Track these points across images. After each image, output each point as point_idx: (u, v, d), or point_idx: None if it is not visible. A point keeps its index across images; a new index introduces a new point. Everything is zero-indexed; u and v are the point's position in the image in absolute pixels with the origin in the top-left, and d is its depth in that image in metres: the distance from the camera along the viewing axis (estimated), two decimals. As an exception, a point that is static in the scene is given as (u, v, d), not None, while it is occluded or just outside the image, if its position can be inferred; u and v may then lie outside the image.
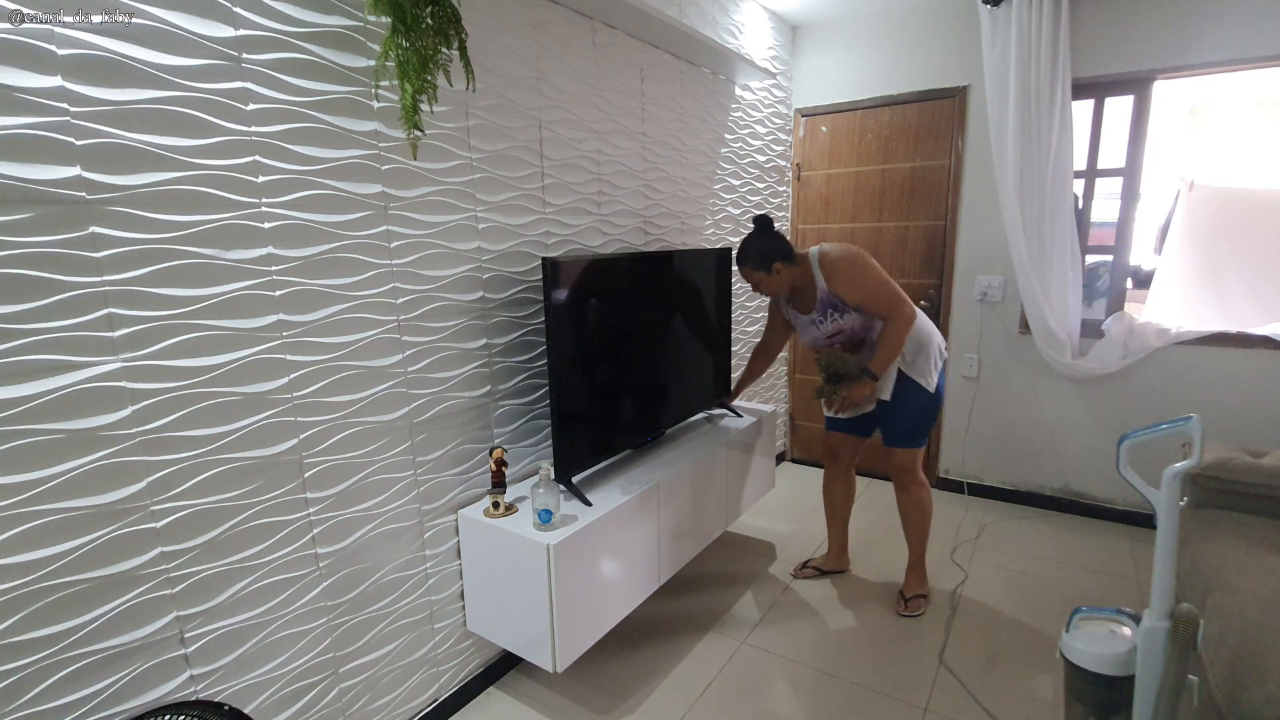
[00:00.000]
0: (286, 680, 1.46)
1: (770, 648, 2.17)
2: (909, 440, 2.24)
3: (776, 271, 2.14)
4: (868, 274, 2.09)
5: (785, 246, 2.16)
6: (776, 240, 2.16)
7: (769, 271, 2.14)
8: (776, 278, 2.15)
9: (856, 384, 2.11)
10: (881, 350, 2.08)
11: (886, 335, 2.07)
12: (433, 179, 1.66)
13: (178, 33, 1.17)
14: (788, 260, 2.14)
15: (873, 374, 2.09)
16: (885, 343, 2.08)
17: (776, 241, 2.15)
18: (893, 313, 2.06)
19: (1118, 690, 1.34)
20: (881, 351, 2.08)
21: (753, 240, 2.16)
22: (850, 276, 2.10)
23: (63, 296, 1.07)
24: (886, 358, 2.08)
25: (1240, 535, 1.83)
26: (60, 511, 1.09)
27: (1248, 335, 2.65)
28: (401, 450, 1.66)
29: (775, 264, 2.13)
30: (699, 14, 2.64)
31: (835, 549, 2.58)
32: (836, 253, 2.13)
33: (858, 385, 2.11)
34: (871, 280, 2.09)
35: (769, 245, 2.14)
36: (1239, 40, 2.49)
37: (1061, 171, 2.74)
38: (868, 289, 2.08)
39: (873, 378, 2.09)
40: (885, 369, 2.11)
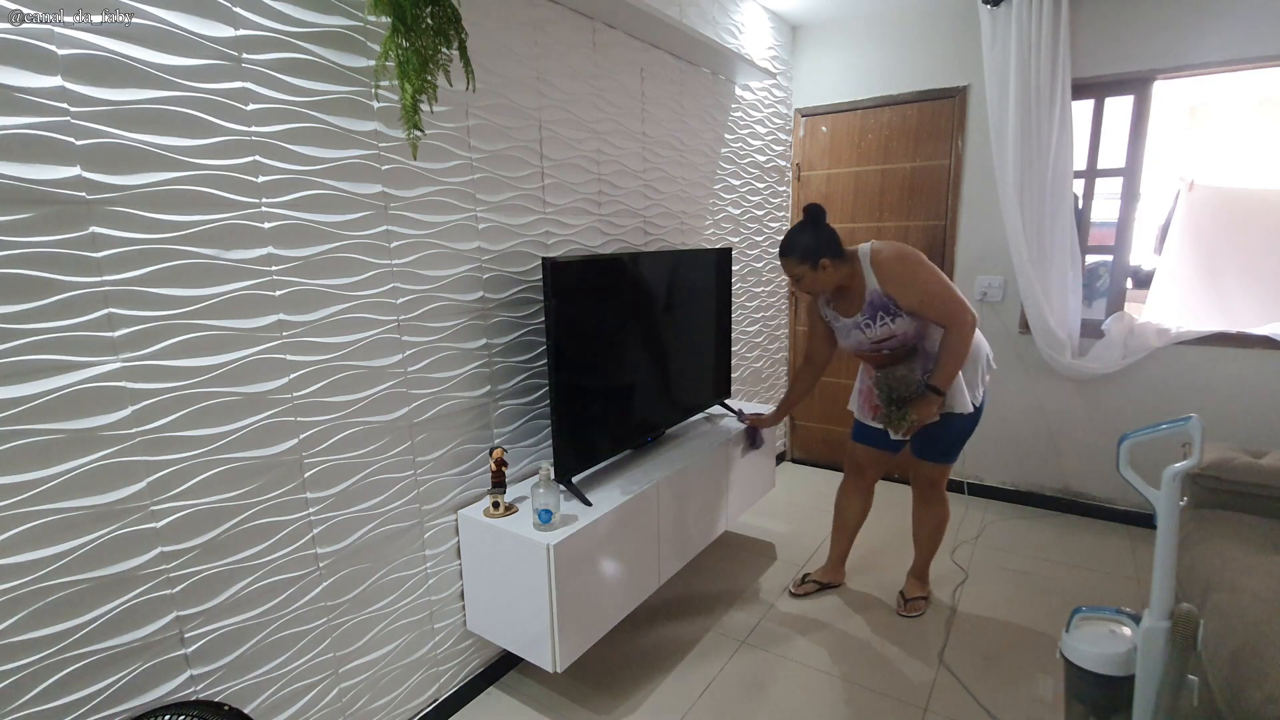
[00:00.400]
0: (286, 680, 1.46)
1: (770, 648, 2.17)
2: (944, 456, 2.16)
3: (823, 268, 1.95)
4: (926, 275, 1.92)
5: (836, 241, 1.97)
6: (828, 234, 1.96)
7: (815, 266, 1.95)
8: (822, 274, 1.96)
9: (922, 402, 1.94)
10: (944, 363, 1.91)
11: (949, 346, 1.90)
12: (433, 179, 1.66)
13: (178, 33, 1.17)
14: (837, 256, 1.96)
15: (938, 389, 1.93)
16: (948, 354, 1.91)
17: (828, 235, 1.96)
18: (954, 320, 1.89)
19: (1118, 690, 1.34)
20: (944, 364, 1.91)
21: (802, 231, 1.97)
22: (907, 277, 1.92)
23: (63, 296, 1.07)
24: (951, 370, 1.92)
25: (1240, 535, 1.83)
26: (60, 511, 1.09)
27: (1248, 335, 2.65)
28: (401, 450, 1.66)
29: (823, 259, 1.94)
30: (699, 14, 2.64)
31: (835, 561, 2.50)
32: (891, 251, 1.96)
33: (923, 404, 1.94)
34: (931, 282, 1.91)
35: (819, 238, 1.95)
36: (1239, 40, 2.49)
37: (1061, 171, 2.74)
38: (926, 292, 1.91)
39: (938, 393, 1.93)
40: (950, 382, 1.94)
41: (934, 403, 1.94)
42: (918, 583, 2.38)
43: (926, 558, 2.35)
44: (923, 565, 2.36)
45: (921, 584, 2.38)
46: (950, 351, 1.91)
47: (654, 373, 2.29)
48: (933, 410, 1.95)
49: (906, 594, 2.36)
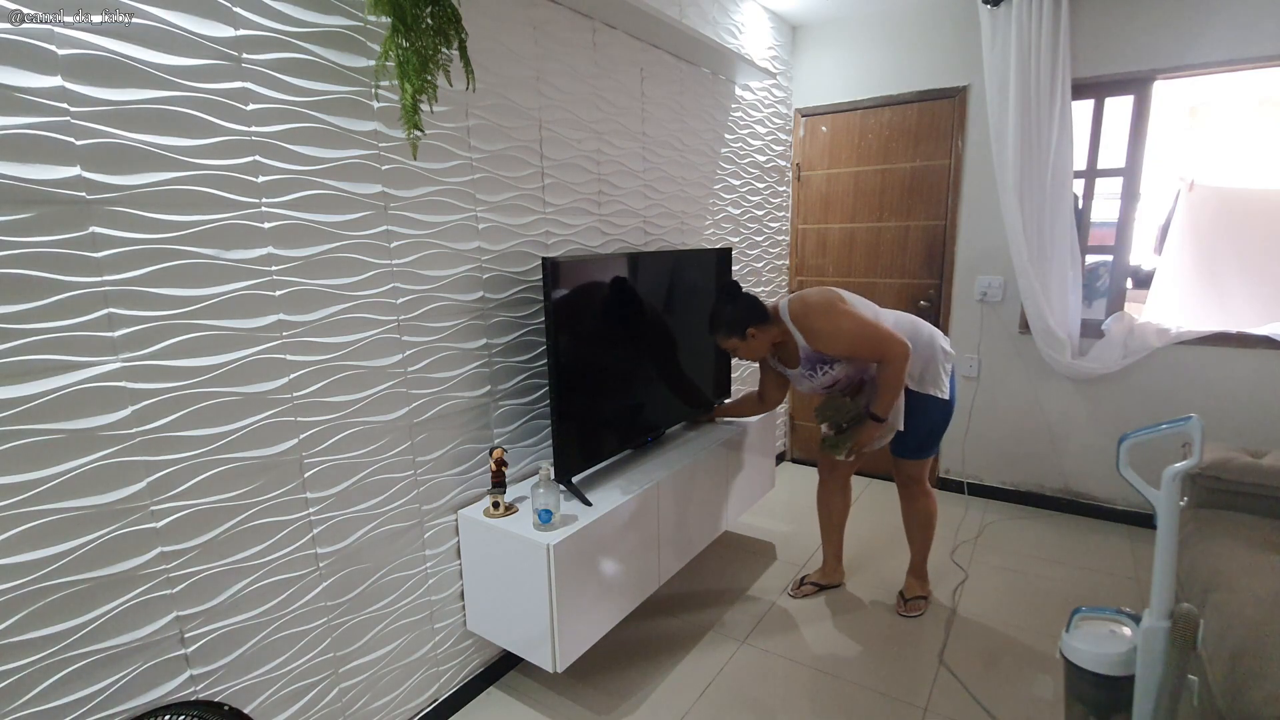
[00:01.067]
0: (286, 680, 1.46)
1: (770, 648, 2.17)
2: (920, 451, 2.20)
3: (751, 336, 2.02)
4: (845, 323, 1.97)
5: (758, 309, 2.04)
6: (747, 303, 2.04)
7: (744, 337, 2.02)
8: (753, 342, 2.04)
9: (863, 429, 2.04)
10: (882, 394, 1.99)
11: (884, 379, 1.98)
12: (433, 179, 1.66)
13: (178, 33, 1.17)
14: (762, 322, 2.03)
15: (877, 417, 2.01)
16: (884, 386, 1.98)
17: (748, 305, 2.04)
18: (884, 355, 1.95)
19: (1118, 690, 1.34)
20: (883, 396, 1.99)
21: (721, 307, 2.05)
22: (828, 329, 1.99)
23: (63, 296, 1.07)
24: (889, 400, 2.00)
25: (1240, 535, 1.83)
26: (60, 511, 1.09)
27: (1248, 335, 2.65)
28: (401, 450, 1.66)
29: (749, 329, 2.02)
30: (699, 14, 2.64)
31: (831, 561, 2.51)
32: (805, 307, 2.02)
33: (865, 430, 2.04)
34: (851, 329, 1.97)
35: (739, 310, 2.02)
36: (1239, 40, 2.49)
37: (1061, 171, 2.74)
38: (851, 339, 1.97)
39: (878, 420, 2.02)
40: (889, 409, 2.02)
41: (875, 429, 2.03)
42: (917, 581, 2.38)
43: (922, 554, 2.36)
44: (919, 562, 2.37)
45: (921, 583, 2.38)
46: (886, 384, 1.98)
47: (654, 373, 2.29)
48: (874, 435, 2.04)
49: (906, 594, 2.37)
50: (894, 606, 2.36)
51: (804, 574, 2.55)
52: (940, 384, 2.10)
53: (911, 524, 2.34)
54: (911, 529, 2.35)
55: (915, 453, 2.20)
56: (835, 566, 2.50)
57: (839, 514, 2.45)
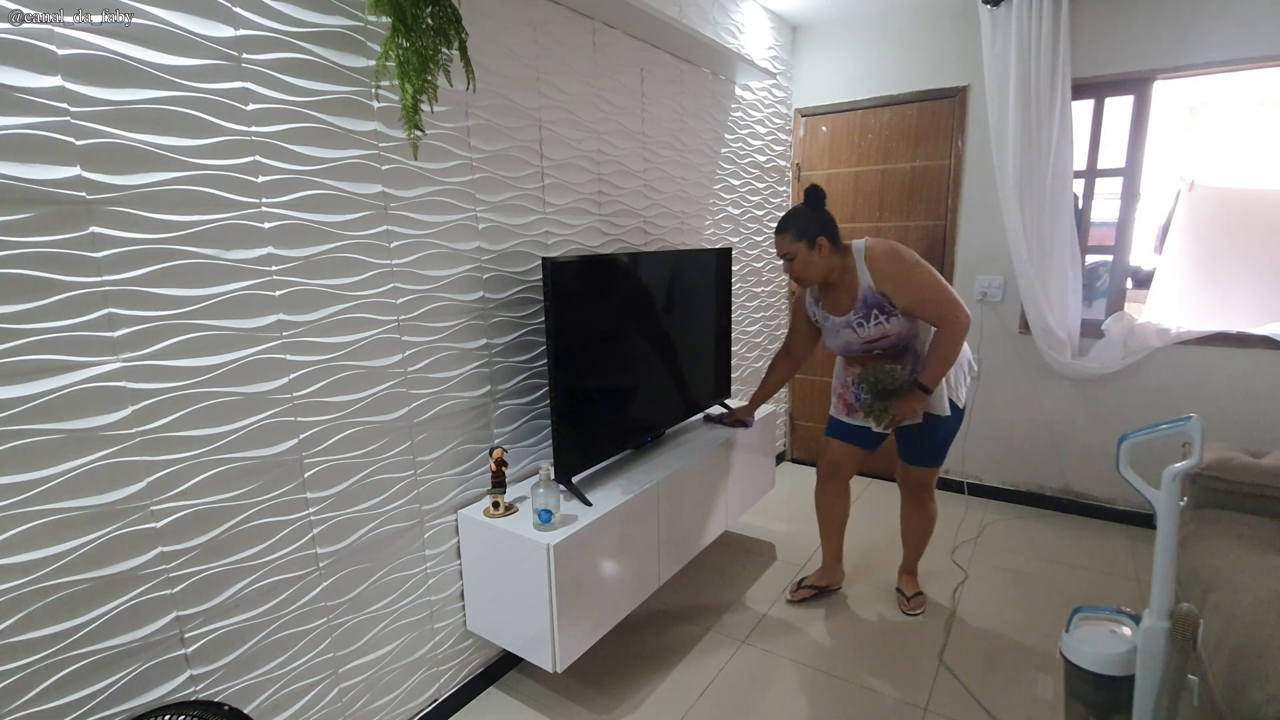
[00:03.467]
0: (286, 680, 1.46)
1: (770, 648, 2.17)
2: (935, 459, 2.18)
3: (820, 248, 1.90)
4: (922, 273, 1.90)
5: (834, 227, 1.94)
6: (828, 217, 1.94)
7: (811, 245, 1.90)
8: (817, 255, 1.91)
9: (907, 398, 1.94)
10: (935, 361, 1.90)
11: (941, 344, 1.88)
12: (433, 179, 1.66)
13: (178, 33, 1.17)
14: (834, 241, 1.92)
15: (926, 387, 1.92)
16: (939, 353, 1.89)
17: (828, 218, 1.94)
18: (947, 320, 1.86)
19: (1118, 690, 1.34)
20: (934, 363, 1.90)
21: (800, 208, 1.95)
22: (903, 275, 1.89)
23: (63, 296, 1.07)
24: (940, 370, 1.91)
25: (1240, 535, 1.83)
26: (60, 511, 1.09)
27: (1248, 335, 2.65)
28: (401, 450, 1.66)
29: (821, 238, 1.90)
30: (699, 14, 2.64)
31: (830, 563, 2.44)
32: (886, 248, 1.93)
33: (908, 399, 1.94)
34: (926, 281, 1.89)
35: (819, 218, 1.91)
36: (1239, 40, 2.49)
37: (1061, 171, 2.74)
38: (922, 290, 1.88)
39: (925, 391, 1.93)
40: (939, 382, 1.93)
41: (919, 399, 1.94)
42: (912, 579, 2.40)
43: (917, 554, 2.38)
44: (913, 561, 2.39)
45: (914, 579, 2.41)
46: (941, 351, 1.90)
47: (654, 373, 2.29)
48: (917, 408, 1.96)
49: (906, 591, 2.37)
50: (896, 605, 2.36)
51: (802, 576, 2.52)
52: (959, 391, 2.06)
53: (912, 529, 2.33)
54: (911, 534, 2.34)
55: (930, 460, 2.17)
56: (835, 568, 2.45)
57: (839, 516, 2.39)
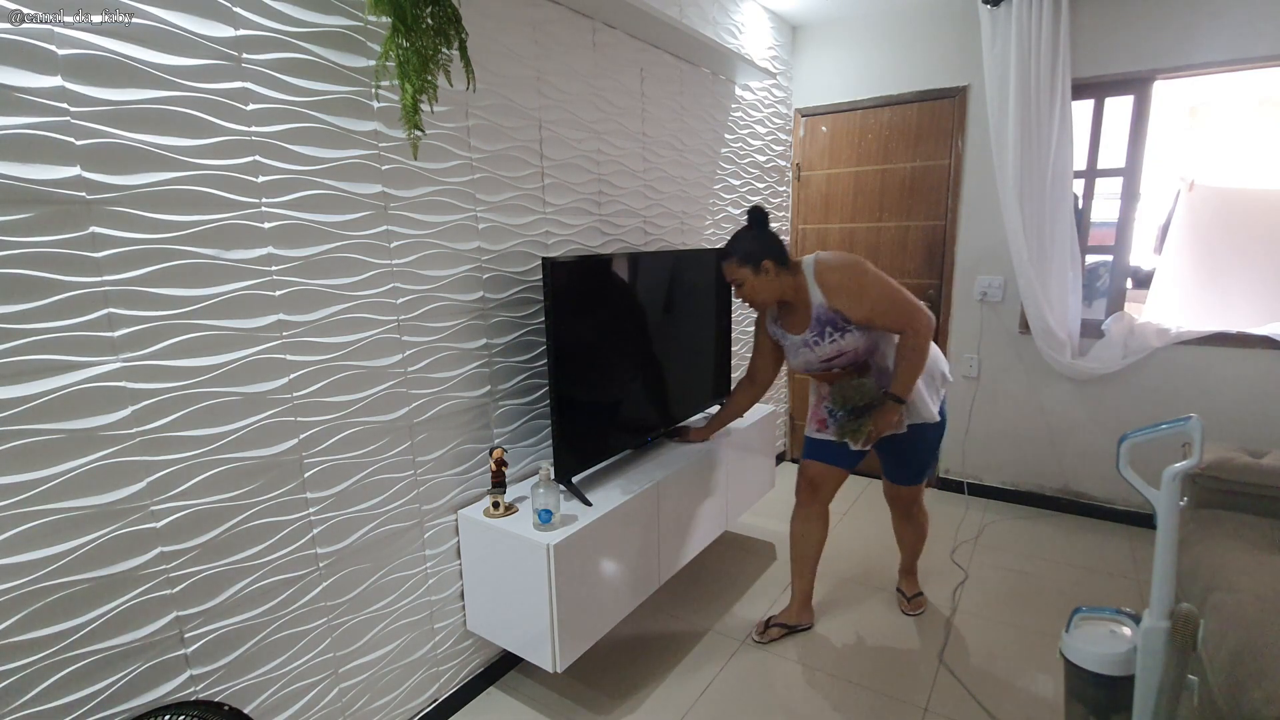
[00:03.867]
0: (286, 680, 1.46)
1: (770, 648, 2.17)
2: (919, 477, 2.15)
3: (766, 271, 1.85)
4: (873, 284, 1.84)
5: (779, 247, 1.89)
6: (772, 238, 1.90)
7: (757, 269, 1.85)
8: (765, 279, 1.86)
9: (882, 412, 1.87)
10: (903, 369, 1.84)
11: (906, 352, 1.82)
12: (433, 179, 1.66)
13: (178, 33, 1.17)
14: (780, 263, 1.88)
15: (898, 397, 1.86)
16: (906, 360, 1.82)
17: (772, 239, 1.89)
18: (909, 324, 1.81)
19: (1118, 690, 1.34)
20: (903, 370, 1.84)
21: (744, 233, 1.90)
22: (853, 289, 1.83)
23: (63, 296, 1.07)
24: (911, 377, 1.84)
25: (1240, 535, 1.83)
26: (60, 511, 1.09)
27: (1248, 335, 2.65)
28: (401, 450, 1.66)
29: (765, 261, 1.85)
30: (699, 14, 2.64)
31: (801, 600, 2.23)
32: (834, 262, 1.88)
33: (883, 413, 1.86)
34: (878, 291, 1.83)
35: (762, 241, 1.87)
36: (1239, 40, 2.49)
37: (1061, 171, 2.74)
38: (875, 302, 1.82)
39: (899, 401, 1.86)
40: (911, 389, 1.86)
41: (894, 411, 1.87)
42: (912, 579, 2.39)
43: (916, 556, 2.37)
44: (913, 562, 2.38)
45: (915, 579, 2.39)
46: (908, 357, 1.83)
47: (654, 373, 2.29)
48: (893, 419, 1.87)
49: (907, 591, 2.36)
50: (896, 605, 2.36)
51: (770, 615, 2.28)
52: (930, 408, 1.97)
53: (904, 539, 2.33)
54: (904, 542, 2.34)
55: (914, 478, 2.15)
56: (805, 606, 2.25)
57: (816, 547, 2.21)
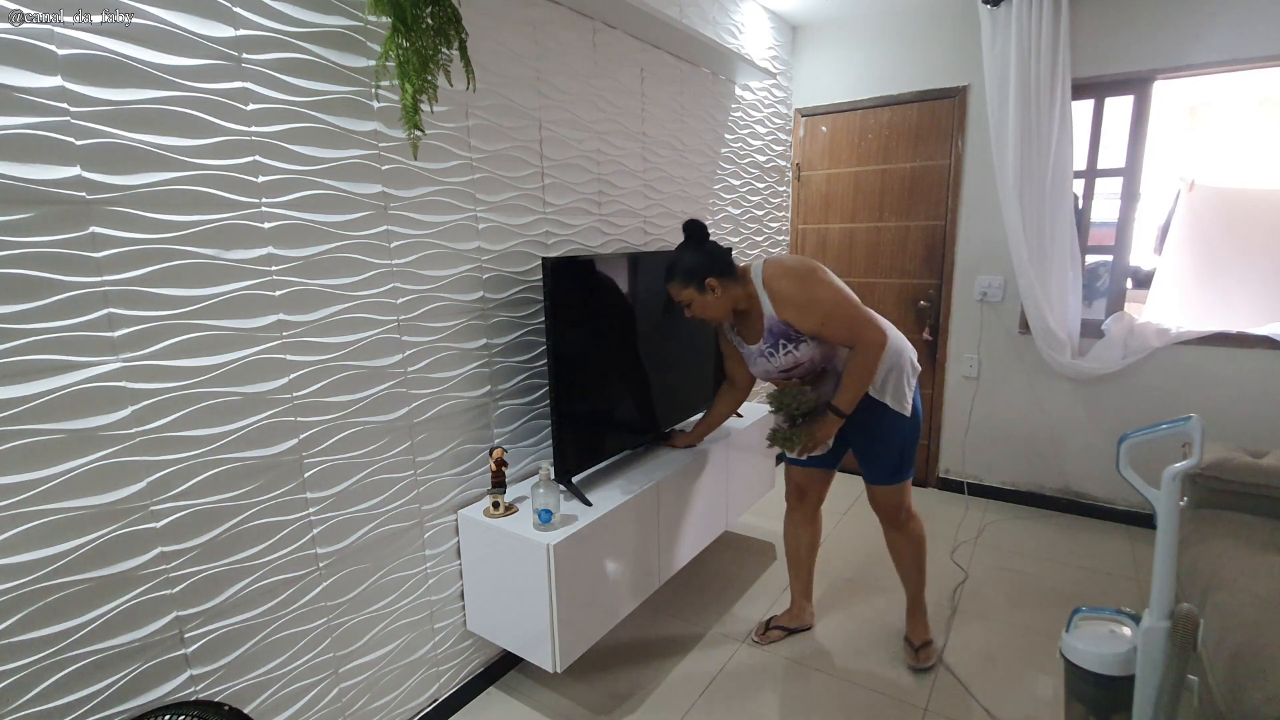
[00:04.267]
0: (286, 680, 1.46)
1: (770, 648, 2.17)
2: (895, 475, 1.94)
3: (711, 289, 1.74)
4: (824, 293, 1.73)
5: (722, 260, 1.78)
6: (713, 251, 1.77)
7: (701, 289, 1.74)
8: (711, 297, 1.75)
9: (821, 423, 1.79)
10: (849, 384, 1.75)
11: (854, 367, 1.73)
12: (433, 179, 1.66)
13: (178, 33, 1.17)
14: (725, 275, 1.76)
15: (840, 411, 1.77)
16: (853, 375, 1.74)
17: (713, 252, 1.77)
18: (859, 339, 1.71)
19: (1118, 690, 1.34)
20: (848, 385, 1.75)
21: (683, 250, 1.78)
22: (802, 301, 1.73)
23: (63, 296, 1.07)
24: (855, 393, 1.75)
25: (1240, 535, 1.83)
26: (60, 511, 1.09)
27: (1248, 335, 2.65)
28: (401, 450, 1.66)
29: (709, 279, 1.74)
30: (699, 14, 2.64)
31: (800, 601, 2.25)
32: (783, 271, 1.77)
33: (822, 424, 1.79)
34: (828, 303, 1.72)
35: (703, 256, 1.75)
36: (1239, 40, 2.49)
37: (1061, 171, 2.74)
38: (825, 315, 1.72)
39: (840, 415, 1.77)
40: (854, 405, 1.78)
41: (833, 424, 1.79)
42: (921, 622, 2.12)
43: (918, 587, 2.10)
44: (916, 597, 2.11)
45: (924, 621, 2.12)
46: (855, 373, 1.73)
47: (654, 373, 2.29)
48: (831, 431, 1.80)
49: (914, 640, 2.10)
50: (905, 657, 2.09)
51: (770, 616, 2.28)
52: (904, 398, 1.86)
53: (901, 556, 2.07)
54: (902, 561, 2.08)
55: (891, 477, 1.95)
56: (804, 607, 2.25)
57: (807, 549, 2.21)
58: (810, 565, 2.25)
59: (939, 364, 3.32)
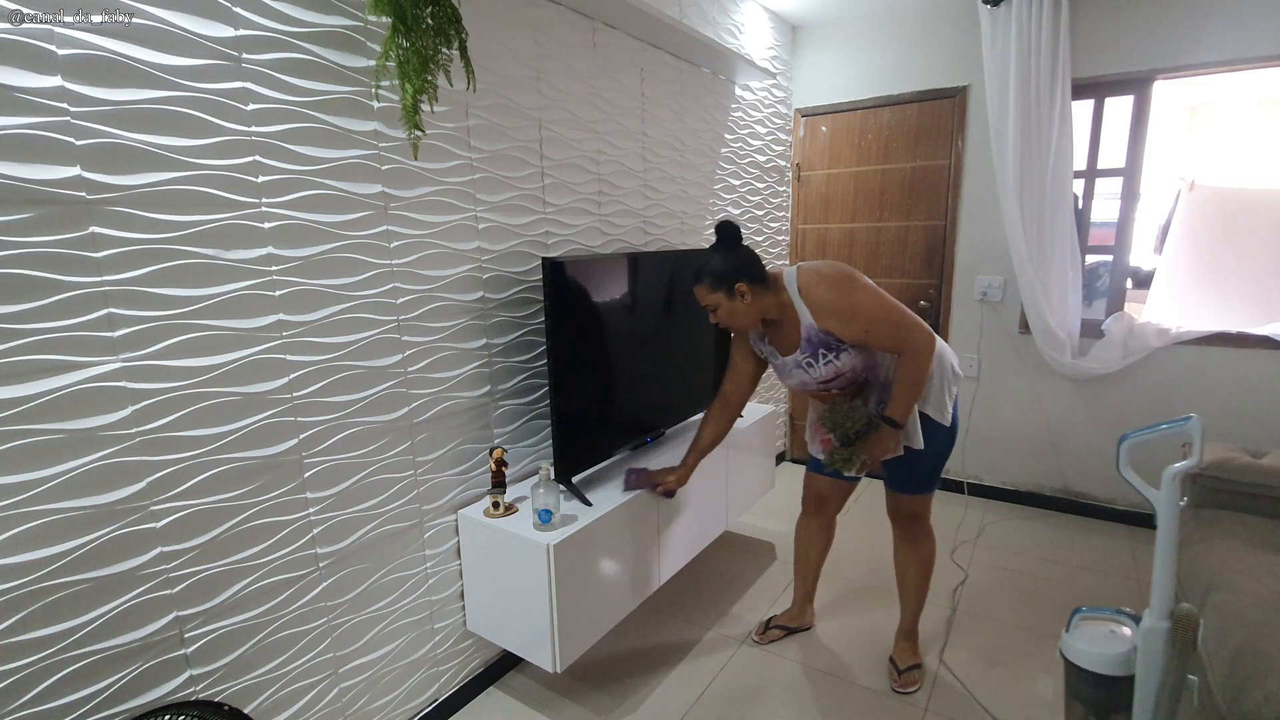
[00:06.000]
0: (286, 680, 1.46)
1: (770, 648, 2.17)
2: (924, 486, 1.89)
3: (740, 294, 1.65)
4: (865, 299, 1.65)
5: (756, 265, 1.68)
6: (745, 255, 1.68)
7: (730, 293, 1.65)
8: (740, 303, 1.66)
9: (877, 437, 1.71)
10: (901, 393, 1.67)
11: (905, 375, 1.65)
12: (433, 179, 1.66)
13: (178, 33, 1.17)
14: (757, 282, 1.66)
15: (895, 422, 1.69)
16: (904, 383, 1.65)
17: (745, 256, 1.68)
18: (906, 345, 1.63)
19: (1118, 690, 1.35)
20: (901, 395, 1.67)
21: (713, 253, 1.69)
22: (844, 307, 1.64)
23: (63, 296, 1.07)
24: (909, 401, 1.68)
25: (1240, 535, 1.83)
26: (60, 511, 1.09)
27: (1248, 335, 2.65)
28: (401, 450, 1.66)
29: (739, 284, 1.64)
30: (699, 14, 2.64)
31: (801, 602, 2.24)
32: (820, 278, 1.68)
33: (879, 439, 1.71)
34: (872, 310, 1.64)
35: (734, 260, 1.66)
36: (1239, 40, 2.49)
37: (1061, 171, 2.74)
38: (870, 322, 1.64)
39: (896, 426, 1.69)
40: (909, 414, 1.71)
41: (890, 438, 1.71)
42: (910, 647, 2.04)
43: (915, 610, 2.03)
44: (912, 620, 2.04)
45: (914, 648, 2.05)
46: (907, 380, 1.66)
47: (654, 373, 2.29)
48: (889, 446, 1.73)
49: (900, 662, 2.00)
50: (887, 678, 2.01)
51: (770, 615, 2.28)
52: (944, 408, 1.78)
53: (907, 572, 2.01)
54: (906, 578, 2.01)
55: (921, 487, 1.89)
56: (805, 608, 2.25)
57: (818, 555, 2.19)
58: (818, 571, 2.23)
59: (939, 364, 3.31)
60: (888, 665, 2.05)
